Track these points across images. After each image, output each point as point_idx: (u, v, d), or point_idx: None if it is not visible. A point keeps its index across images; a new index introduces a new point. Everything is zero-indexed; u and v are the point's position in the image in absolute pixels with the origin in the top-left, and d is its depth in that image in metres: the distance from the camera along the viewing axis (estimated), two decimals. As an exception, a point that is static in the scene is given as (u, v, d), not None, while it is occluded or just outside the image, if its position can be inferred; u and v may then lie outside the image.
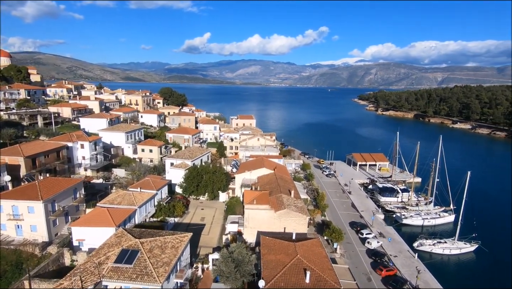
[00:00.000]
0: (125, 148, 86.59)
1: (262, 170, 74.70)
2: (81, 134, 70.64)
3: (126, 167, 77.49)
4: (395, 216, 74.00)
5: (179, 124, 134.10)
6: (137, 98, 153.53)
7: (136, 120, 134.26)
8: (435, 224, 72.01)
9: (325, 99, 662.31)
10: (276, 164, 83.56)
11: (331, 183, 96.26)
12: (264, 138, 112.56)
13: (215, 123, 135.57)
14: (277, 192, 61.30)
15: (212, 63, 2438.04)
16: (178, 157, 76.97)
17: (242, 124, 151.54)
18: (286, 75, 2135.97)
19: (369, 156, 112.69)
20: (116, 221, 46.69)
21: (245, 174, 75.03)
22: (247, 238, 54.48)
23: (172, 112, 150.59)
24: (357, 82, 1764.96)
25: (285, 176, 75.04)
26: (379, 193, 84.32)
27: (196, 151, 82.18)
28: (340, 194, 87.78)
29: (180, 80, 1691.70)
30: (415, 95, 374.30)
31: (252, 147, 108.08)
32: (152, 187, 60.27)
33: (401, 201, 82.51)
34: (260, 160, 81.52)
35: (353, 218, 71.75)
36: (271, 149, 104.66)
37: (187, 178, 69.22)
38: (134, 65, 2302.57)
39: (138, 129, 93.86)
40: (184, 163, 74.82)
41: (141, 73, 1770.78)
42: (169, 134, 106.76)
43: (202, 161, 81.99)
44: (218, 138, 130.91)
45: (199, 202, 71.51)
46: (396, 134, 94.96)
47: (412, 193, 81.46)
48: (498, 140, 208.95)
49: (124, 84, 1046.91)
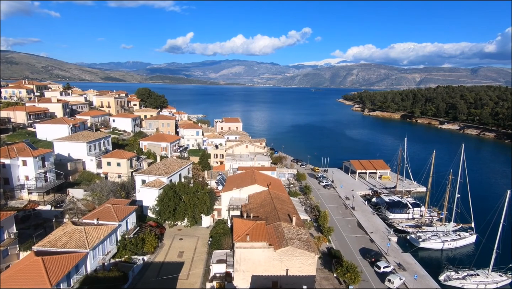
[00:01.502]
0: (87, 161, 71.68)
1: (254, 187, 62.22)
2: (23, 148, 55.45)
3: (87, 185, 62.91)
4: (410, 237, 63.38)
5: (156, 130, 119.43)
6: (109, 100, 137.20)
7: (107, 125, 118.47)
8: (456, 246, 61.90)
9: (310, 99, 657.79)
10: (270, 178, 71.31)
11: (330, 196, 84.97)
12: (253, 145, 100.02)
13: (198, 128, 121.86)
14: (275, 218, 49.02)
15: (195, 63, 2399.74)
16: (152, 172, 63.15)
17: (228, 128, 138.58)
18: (270, 75, 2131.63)
19: (368, 163, 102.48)
20: (54, 277, 32.82)
21: (233, 192, 62.30)
22: (238, 284, 41.82)
23: (149, 115, 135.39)
24: (340, 83, 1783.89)
25: (281, 193, 62.86)
26: (387, 209, 73.66)
27: (173, 164, 68.54)
28: (342, 210, 76.54)
29: (162, 81, 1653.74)
30: (400, 95, 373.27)
31: (240, 155, 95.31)
32: (113, 217, 46.42)
33: (413, 218, 72.18)
34: (250, 174, 68.96)
35: (363, 243, 60.51)
36: (262, 157, 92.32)
37: (161, 201, 55.68)
38: (114, 65, 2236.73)
39: (105, 138, 79.00)
40: (159, 180, 61.13)
41: (122, 73, 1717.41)
42: (144, 142, 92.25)
43: (181, 176, 68.48)
44: (202, 145, 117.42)
45: (177, 228, 58.08)
46: (404, 141, 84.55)
47: (426, 209, 71.12)
48: (487, 140, 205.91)
49: (104, 84, 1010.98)
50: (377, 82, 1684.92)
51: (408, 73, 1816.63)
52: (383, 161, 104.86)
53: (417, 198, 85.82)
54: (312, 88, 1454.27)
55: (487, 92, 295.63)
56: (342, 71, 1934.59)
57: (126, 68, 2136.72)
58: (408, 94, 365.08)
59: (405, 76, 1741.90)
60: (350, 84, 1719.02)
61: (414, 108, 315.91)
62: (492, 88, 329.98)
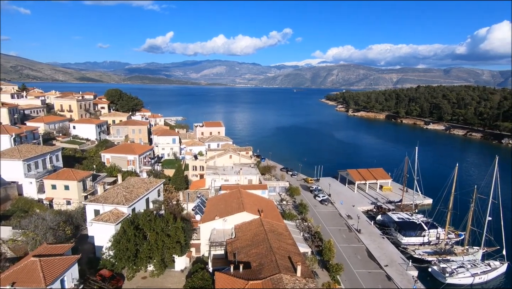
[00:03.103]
0: (24, 184, 55.67)
1: (242, 215, 48.96)
2: None
3: (20, 219, 47.26)
4: (432, 270, 52.24)
5: (125, 137, 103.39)
6: (70, 103, 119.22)
7: (66, 133, 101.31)
8: (487, 279, 51.39)
9: (293, 100, 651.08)
10: (261, 200, 58.28)
11: (329, 215, 73.01)
12: (238, 154, 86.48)
13: (175, 135, 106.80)
14: (272, 267, 36.02)
15: (176, 63, 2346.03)
16: (108, 199, 48.33)
17: (209, 133, 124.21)
18: (252, 75, 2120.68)
19: (367, 173, 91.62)
20: None
21: (216, 223, 48.80)
22: None
23: (118, 120, 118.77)
24: (320, 83, 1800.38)
25: (277, 222, 49.87)
26: (398, 231, 62.49)
27: (138, 186, 53.91)
28: (346, 232, 64.63)
29: (141, 81, 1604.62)
30: (383, 95, 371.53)
31: (223, 167, 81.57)
32: (38, 279, 31.64)
33: (429, 242, 61.38)
34: (236, 196, 55.55)
35: (379, 282, 48.59)
36: (249, 170, 79.01)
37: (117, 242, 41.17)
38: (90, 64, 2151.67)
39: (52, 152, 62.93)
40: (116, 211, 46.50)
41: (99, 73, 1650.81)
42: (106, 155, 76.49)
43: (149, 202, 54.04)
44: (179, 153, 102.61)
45: (141, 276, 43.75)
46: (415, 150, 73.65)
47: (446, 231, 60.32)
48: (474, 141, 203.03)
49: (78, 85, 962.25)
50: (356, 82, 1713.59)
51: (385, 73, 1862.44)
52: (383, 170, 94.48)
53: (420, 210, 76.07)
54: (294, 88, 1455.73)
55: (468, 92, 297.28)
56: (322, 72, 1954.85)
57: (103, 68, 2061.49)
58: (391, 94, 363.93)
59: (383, 76, 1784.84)
60: (331, 84, 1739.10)
61: (398, 108, 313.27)
62: (471, 88, 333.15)
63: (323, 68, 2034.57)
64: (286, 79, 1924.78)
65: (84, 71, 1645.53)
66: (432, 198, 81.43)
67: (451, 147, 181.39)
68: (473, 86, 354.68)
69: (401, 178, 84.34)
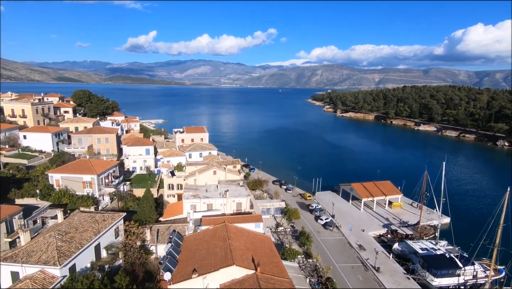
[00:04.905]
0: None
1: (230, 271, 34.61)
2: None
3: None
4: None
5: (88, 148, 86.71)
6: (24, 107, 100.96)
7: (15, 144, 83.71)
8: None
9: (279, 100, 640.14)
10: (254, 236, 44.12)
11: (336, 244, 59.83)
12: (224, 170, 71.92)
13: (149, 144, 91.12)
14: None
15: (159, 63, 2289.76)
16: (32, 255, 32.83)
17: (191, 140, 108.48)
18: (237, 75, 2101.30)
19: (374, 187, 79.20)
20: None
21: (193, 283, 34.23)
22: None
23: (82, 127, 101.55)
24: (305, 83, 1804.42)
25: (278, 278, 35.81)
26: (427, 269, 49.92)
27: (84, 228, 38.56)
28: (361, 271, 51.53)
29: (123, 81, 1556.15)
30: (371, 95, 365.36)
31: (205, 187, 66.80)
32: None
33: (465, 283, 49.16)
34: (222, 234, 41.08)
35: None
36: (238, 190, 64.64)
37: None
38: (69, 64, 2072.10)
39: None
40: (42, 276, 31.19)
41: (78, 73, 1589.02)
42: (55, 176, 60.01)
43: (99, 250, 38.85)
44: (153, 167, 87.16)
45: None
46: (442, 166, 61.26)
47: (492, 269, 48.05)
48: (468, 143, 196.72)
49: (56, 85, 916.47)
50: (340, 82, 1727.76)
51: (368, 73, 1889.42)
52: (391, 183, 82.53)
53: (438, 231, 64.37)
54: (279, 88, 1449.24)
55: (455, 92, 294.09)
56: (307, 72, 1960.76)
57: (83, 67, 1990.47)
58: (379, 94, 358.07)
59: (366, 76, 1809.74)
60: (315, 84, 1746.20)
61: (387, 108, 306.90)
62: (457, 88, 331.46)
63: (308, 68, 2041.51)
64: (271, 79, 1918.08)
65: (62, 70, 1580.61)
66: (449, 216, 70.01)
67: (458, 151, 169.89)
68: (458, 86, 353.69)
69: (414, 194, 72.28)
